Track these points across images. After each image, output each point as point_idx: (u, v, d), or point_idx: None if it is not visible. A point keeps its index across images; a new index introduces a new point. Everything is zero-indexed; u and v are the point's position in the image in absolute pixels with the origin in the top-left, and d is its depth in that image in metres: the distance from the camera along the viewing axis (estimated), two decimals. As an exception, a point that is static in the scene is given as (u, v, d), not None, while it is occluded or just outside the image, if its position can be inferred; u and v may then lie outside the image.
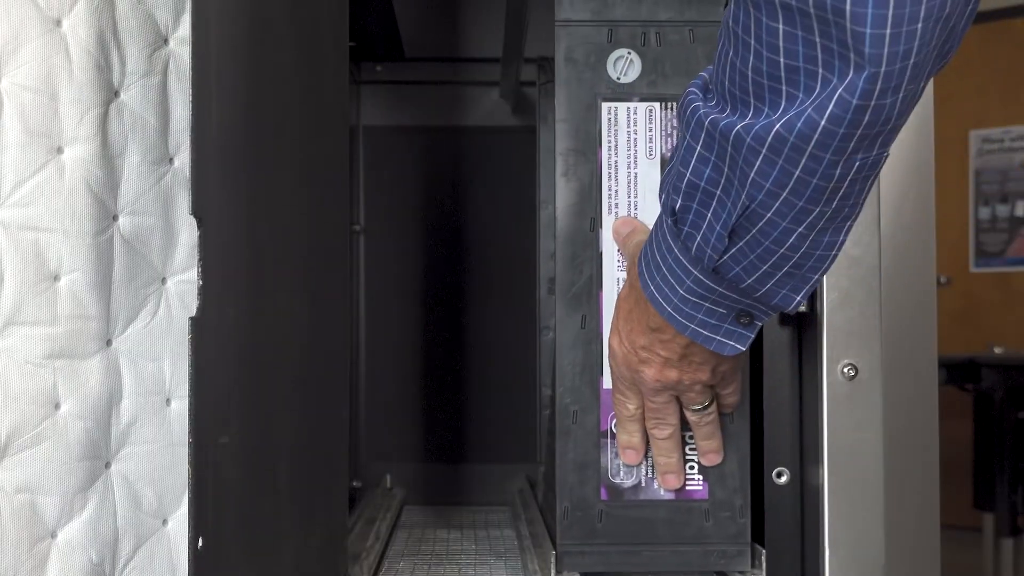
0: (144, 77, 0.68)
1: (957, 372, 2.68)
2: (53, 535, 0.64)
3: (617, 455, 0.73)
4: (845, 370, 0.69)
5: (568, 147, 0.75)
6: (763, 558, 0.71)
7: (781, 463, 0.71)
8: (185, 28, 0.70)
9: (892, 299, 0.69)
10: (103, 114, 0.66)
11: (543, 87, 0.98)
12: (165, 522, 0.69)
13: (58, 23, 0.64)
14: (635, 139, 0.74)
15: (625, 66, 0.75)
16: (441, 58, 1.16)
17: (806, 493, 0.71)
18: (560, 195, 0.75)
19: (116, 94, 0.67)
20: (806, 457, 0.71)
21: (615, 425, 0.72)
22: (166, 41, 0.70)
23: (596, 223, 0.74)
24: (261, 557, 0.58)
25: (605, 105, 0.75)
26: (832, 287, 0.69)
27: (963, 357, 2.71)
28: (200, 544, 0.51)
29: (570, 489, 0.73)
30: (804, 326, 0.72)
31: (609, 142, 0.75)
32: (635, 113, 0.75)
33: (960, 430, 2.76)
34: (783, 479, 0.71)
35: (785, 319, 0.73)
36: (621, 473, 0.73)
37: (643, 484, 0.73)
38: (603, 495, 0.73)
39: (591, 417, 0.74)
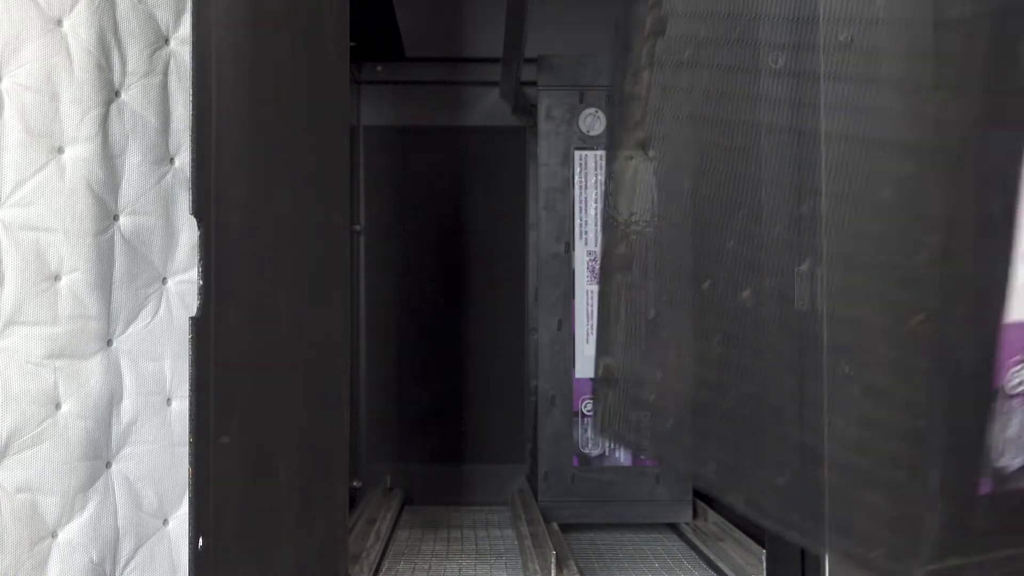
0: (145, 77, 0.68)
1: (957, 372, 2.68)
2: (54, 535, 0.64)
3: (587, 430, 0.95)
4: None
5: (548, 186, 0.95)
6: (763, 558, 0.72)
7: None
8: (186, 28, 0.70)
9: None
10: (104, 114, 0.66)
11: (530, 129, 1.15)
12: (166, 522, 0.69)
13: (59, 23, 0.64)
14: (601, 180, 0.92)
15: (593, 122, 0.95)
16: (441, 58, 1.16)
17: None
18: (542, 224, 0.95)
19: (117, 94, 0.67)
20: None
21: None
22: (167, 41, 0.70)
23: (570, 247, 0.93)
24: (261, 557, 0.58)
25: (577, 153, 0.95)
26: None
27: (963, 357, 2.70)
28: (200, 544, 0.51)
29: (549, 457, 0.94)
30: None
31: (580, 183, 0.94)
32: (601, 160, 0.94)
33: (960, 430, 2.76)
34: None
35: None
36: (589, 445, 0.94)
37: (606, 453, 0.94)
38: (575, 462, 0.94)
39: (566, 401, 0.94)
